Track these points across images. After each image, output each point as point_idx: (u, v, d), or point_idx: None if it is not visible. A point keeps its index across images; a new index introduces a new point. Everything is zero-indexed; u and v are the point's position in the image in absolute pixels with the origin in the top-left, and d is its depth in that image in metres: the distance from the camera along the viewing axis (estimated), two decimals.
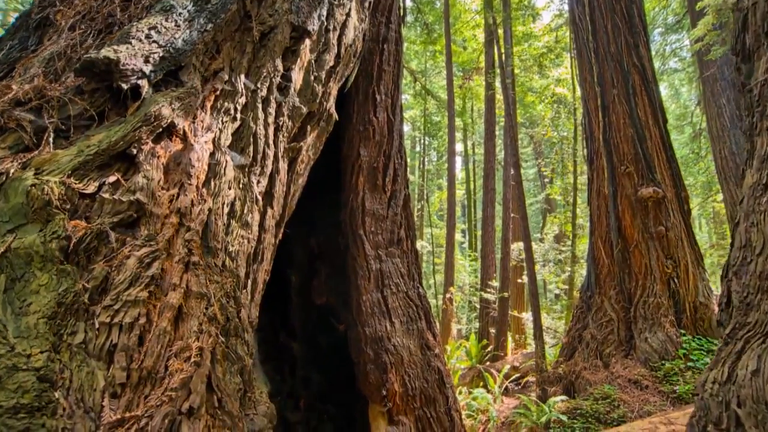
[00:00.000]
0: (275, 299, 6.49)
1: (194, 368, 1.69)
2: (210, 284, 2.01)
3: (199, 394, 1.67)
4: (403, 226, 6.15)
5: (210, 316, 1.92)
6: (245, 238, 2.33)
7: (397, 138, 6.63)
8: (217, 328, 1.92)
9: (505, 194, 17.58)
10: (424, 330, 5.70)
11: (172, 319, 1.80)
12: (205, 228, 2.16)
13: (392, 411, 5.35)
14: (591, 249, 10.83)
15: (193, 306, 1.89)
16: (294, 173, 2.89)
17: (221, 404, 1.80)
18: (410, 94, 32.65)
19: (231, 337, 2.01)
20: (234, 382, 1.94)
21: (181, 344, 1.74)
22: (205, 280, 1.98)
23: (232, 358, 1.96)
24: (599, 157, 10.80)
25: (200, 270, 1.98)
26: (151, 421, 1.51)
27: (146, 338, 1.70)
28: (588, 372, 8.69)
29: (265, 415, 2.07)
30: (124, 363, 1.62)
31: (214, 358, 1.85)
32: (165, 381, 1.62)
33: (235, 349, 1.99)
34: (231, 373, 1.92)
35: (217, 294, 2.01)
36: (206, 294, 1.96)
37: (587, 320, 10.10)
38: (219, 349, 1.89)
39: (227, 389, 1.85)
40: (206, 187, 2.25)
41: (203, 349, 1.77)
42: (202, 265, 2.00)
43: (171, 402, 1.57)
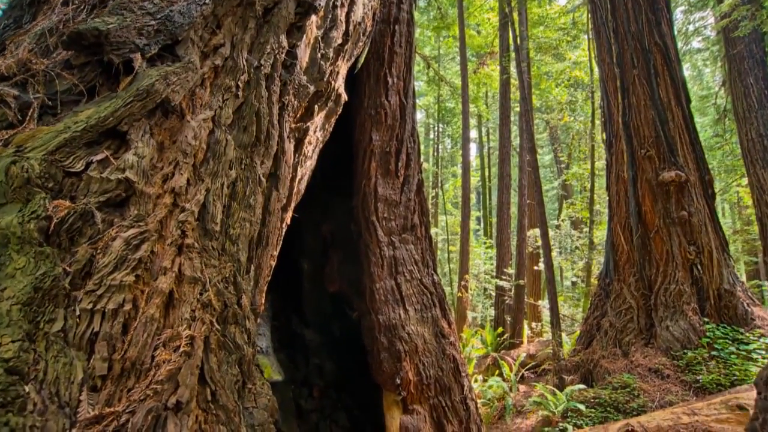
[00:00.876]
0: (288, 287, 6.44)
1: (184, 359, 1.58)
2: (206, 269, 1.91)
3: (188, 387, 1.56)
4: (416, 212, 6.01)
5: (204, 303, 1.82)
6: (247, 220, 2.22)
7: (410, 122, 6.47)
8: (212, 316, 1.83)
9: (520, 180, 17.29)
10: (438, 318, 5.58)
11: (161, 305, 1.70)
12: (203, 209, 2.04)
13: (407, 400, 5.26)
14: (609, 235, 10.57)
15: (185, 291, 1.79)
16: (301, 155, 2.77)
17: (215, 397, 1.71)
18: (423, 81, 32.24)
19: (229, 325, 1.92)
20: (231, 373, 1.84)
21: (171, 333, 1.63)
22: (200, 264, 1.88)
23: (229, 348, 1.87)
24: (618, 140, 10.48)
25: (194, 253, 1.88)
26: (132, 418, 1.40)
27: (131, 326, 1.59)
28: (606, 360, 8.51)
29: (266, 409, 1.98)
30: (106, 353, 1.50)
31: (208, 347, 1.76)
32: (151, 373, 1.52)
33: (233, 338, 1.89)
34: (228, 364, 1.82)
35: (214, 279, 1.91)
36: (201, 279, 1.87)
37: (605, 308, 9.89)
38: (214, 337, 1.80)
39: (222, 381, 1.76)
40: (204, 167, 2.13)
41: (194, 338, 1.66)
42: (197, 248, 1.90)
43: (156, 396, 1.47)
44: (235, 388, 1.83)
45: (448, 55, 33.87)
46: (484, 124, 32.33)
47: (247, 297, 2.09)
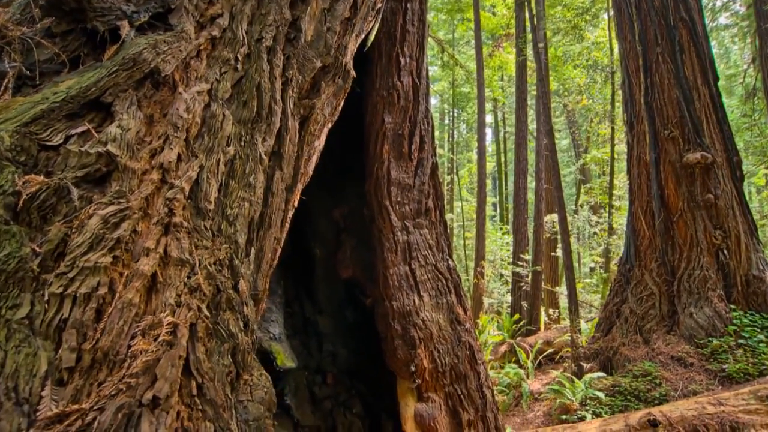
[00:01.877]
0: (301, 274, 6.36)
1: (164, 349, 1.46)
2: (196, 250, 1.78)
3: (168, 380, 1.43)
4: (431, 196, 5.85)
5: (192, 287, 1.69)
6: (247, 200, 2.08)
7: (423, 103, 6.27)
8: (201, 301, 1.70)
9: (537, 164, 16.93)
10: (454, 304, 5.45)
11: (142, 289, 1.56)
12: (195, 187, 1.91)
13: (421, 387, 5.16)
14: (630, 220, 10.26)
15: (171, 275, 1.66)
16: (307, 133, 2.62)
17: (201, 391, 1.58)
18: (438, 66, 31.78)
19: (222, 312, 1.79)
20: (223, 363, 1.70)
21: (151, 320, 1.50)
22: (189, 244, 1.75)
23: (221, 336, 1.74)
24: (640, 121, 10.11)
25: (183, 233, 1.75)
26: (100, 416, 1.26)
27: (106, 312, 1.45)
28: (627, 348, 8.31)
29: (263, 402, 1.87)
30: (75, 342, 1.35)
31: (194, 335, 1.63)
32: (126, 364, 1.38)
33: (226, 326, 1.76)
34: (219, 354, 1.70)
35: (205, 261, 1.79)
36: (189, 261, 1.73)
37: (626, 294, 9.64)
38: (202, 325, 1.67)
39: (211, 373, 1.63)
40: (198, 142, 2.00)
41: (178, 326, 1.54)
42: (186, 227, 1.77)
43: (129, 390, 1.33)
44: (227, 380, 1.71)
45: (462, 39, 33.28)
46: (499, 108, 31.82)
47: (245, 281, 1.98)
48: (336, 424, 5.92)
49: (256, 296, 2.12)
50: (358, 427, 5.93)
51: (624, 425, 5.56)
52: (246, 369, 1.82)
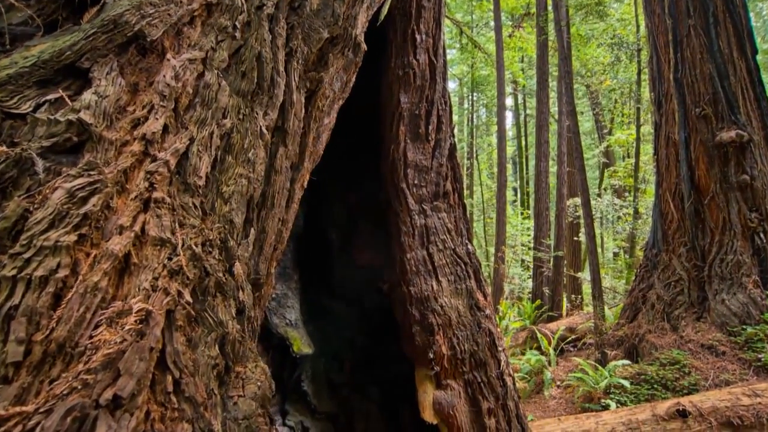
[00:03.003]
0: (317, 259, 6.27)
1: (132, 339, 1.29)
2: (181, 229, 1.62)
3: (134, 376, 1.26)
4: (449, 178, 5.66)
5: (172, 270, 1.51)
6: (245, 177, 1.93)
7: (441, 81, 6.04)
8: (183, 285, 1.54)
9: (559, 147, 16.47)
10: (473, 289, 5.28)
11: (111, 272, 1.40)
12: (183, 160, 1.75)
13: (440, 375, 5.04)
14: (657, 202, 9.86)
15: (148, 255, 1.49)
16: (314, 108, 2.46)
17: (179, 387, 1.42)
18: (456, 49, 31.16)
19: (209, 297, 1.63)
20: (208, 355, 1.54)
21: (120, 306, 1.33)
22: (171, 222, 1.59)
23: (208, 324, 1.58)
24: (669, 100, 9.64)
25: (164, 210, 1.58)
26: (45, 420, 1.09)
27: (65, 298, 1.28)
28: (653, 335, 8.03)
29: (255, 398, 1.68)
30: (24, 333, 1.17)
31: (172, 324, 1.45)
32: (84, 359, 1.21)
33: (214, 313, 1.61)
34: (206, 344, 1.54)
35: (191, 241, 1.62)
36: (170, 240, 1.57)
37: (652, 280, 9.31)
38: (181, 312, 1.48)
39: (192, 366, 1.47)
40: (190, 113, 1.84)
41: (151, 313, 1.36)
42: (168, 204, 1.61)
43: (85, 389, 1.15)
44: (212, 374, 1.55)
45: (481, 20, 32.49)
46: (520, 90, 31.08)
47: (242, 264, 1.83)
48: (353, 410, 5.86)
49: (257, 281, 1.98)
50: (375, 414, 5.85)
51: (651, 415, 5.35)
52: (239, 361, 1.69)
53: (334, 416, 5.77)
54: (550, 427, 6.23)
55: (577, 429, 5.92)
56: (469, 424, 4.86)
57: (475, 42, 26.84)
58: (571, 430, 5.97)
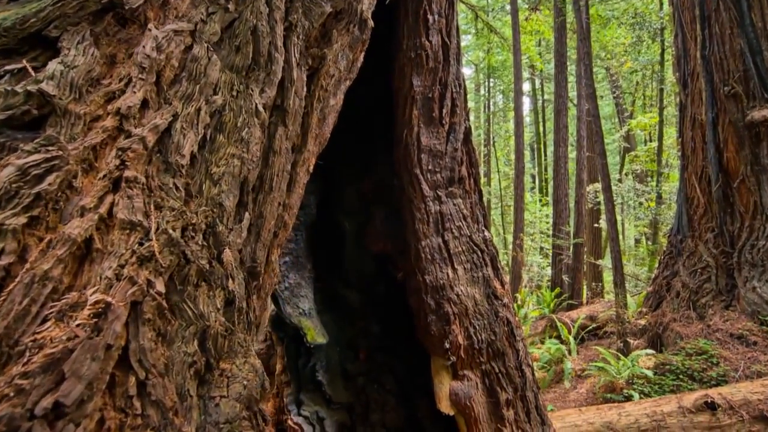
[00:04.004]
0: (330, 248, 6.18)
1: (84, 336, 1.14)
2: (157, 211, 1.48)
3: (83, 379, 1.10)
4: (464, 163, 5.48)
5: (142, 256, 1.36)
6: (238, 157, 1.79)
7: (454, 63, 5.83)
8: (155, 273, 1.39)
9: (578, 132, 16.04)
10: (490, 277, 5.12)
11: (69, 258, 1.26)
12: (164, 138, 1.61)
13: (456, 365, 4.92)
14: (683, 187, 9.50)
15: (114, 240, 1.34)
16: (318, 88, 2.31)
17: (144, 390, 1.27)
18: (471, 34, 30.62)
19: (189, 287, 1.48)
20: (185, 352, 1.40)
21: (74, 298, 1.19)
22: (145, 204, 1.45)
23: (186, 317, 1.43)
24: (695, 79, 9.23)
25: (136, 190, 1.44)
26: None
27: (6, 289, 1.14)
28: (678, 324, 7.76)
29: (239, 399, 1.51)
30: None
31: (139, 317, 1.30)
32: (24, 359, 1.06)
33: (194, 304, 1.47)
34: (182, 339, 1.40)
35: (167, 225, 1.48)
36: (141, 224, 1.41)
37: (677, 267, 9.01)
38: (151, 304, 1.33)
39: (161, 365, 1.32)
40: (174, 88, 1.70)
41: (110, 306, 1.20)
42: (142, 183, 1.47)
43: (18, 396, 0.99)
44: (189, 373, 1.40)
45: (497, 4, 31.78)
46: (537, 75, 30.40)
47: (233, 251, 1.69)
48: (369, 400, 5.78)
49: (254, 269, 1.85)
50: (391, 404, 5.77)
51: (677, 407, 5.16)
52: (225, 357, 1.55)
53: (349, 406, 5.70)
54: (570, 417, 6.07)
55: (598, 420, 5.75)
56: (487, 416, 4.74)
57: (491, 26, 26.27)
58: (592, 421, 5.81)
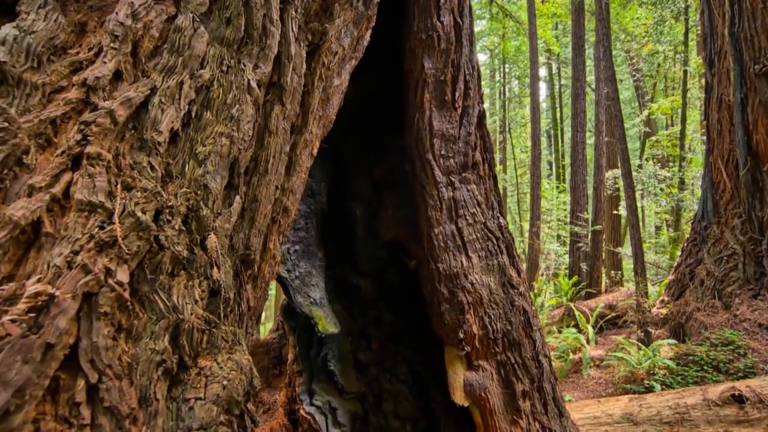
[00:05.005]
0: (341, 236, 6.08)
1: (18, 334, 0.99)
2: (125, 192, 1.34)
3: (11, 385, 0.96)
4: (478, 148, 5.30)
5: (102, 241, 1.20)
6: (227, 136, 1.66)
7: (467, 45, 5.62)
8: (118, 261, 1.24)
9: (597, 116, 15.58)
10: (506, 265, 4.96)
11: (9, 244, 1.11)
12: (140, 113, 1.48)
13: (471, 355, 4.79)
14: (708, 171, 9.13)
15: (69, 224, 1.20)
16: (319, 65, 2.16)
17: (96, 395, 1.11)
18: (486, 19, 30.01)
19: (163, 276, 1.34)
20: (152, 349, 1.25)
21: (11, 290, 1.05)
22: (110, 184, 1.30)
23: (157, 310, 1.28)
24: (722, 57, 8.81)
25: (100, 168, 1.29)
26: None
27: None
28: (702, 313, 7.50)
29: (217, 401, 1.33)
30: None
31: (93, 311, 1.15)
32: None
33: (168, 295, 1.33)
34: (151, 335, 1.25)
35: (135, 207, 1.33)
36: (103, 205, 1.26)
37: (701, 254, 8.69)
38: (109, 295, 1.18)
39: (119, 366, 1.17)
40: (154, 61, 1.57)
41: (54, 298, 1.06)
42: (107, 161, 1.32)
43: None
44: (157, 373, 1.24)
45: None
46: (554, 59, 29.68)
47: (219, 237, 1.56)
48: (381, 390, 5.70)
49: (247, 257, 1.73)
50: (404, 394, 5.68)
51: (701, 399, 4.95)
52: (203, 353, 1.39)
53: (362, 396, 5.64)
54: (589, 408, 5.92)
55: (618, 411, 5.59)
56: (503, 407, 4.62)
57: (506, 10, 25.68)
58: (611, 412, 5.65)
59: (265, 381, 7.75)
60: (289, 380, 6.01)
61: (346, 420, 5.51)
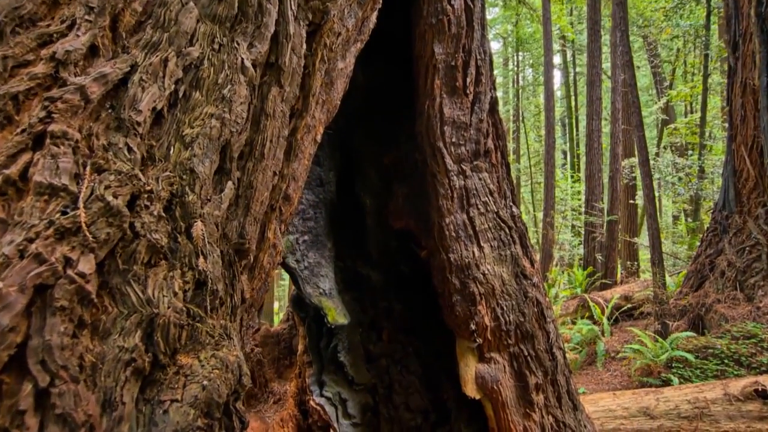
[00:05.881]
0: (351, 226, 6.01)
1: None
2: (93, 174, 1.24)
3: None
4: (490, 135, 5.16)
5: (62, 228, 1.10)
6: (217, 118, 1.56)
7: (479, 29, 5.46)
8: (81, 250, 1.13)
9: (613, 104, 15.22)
10: (519, 256, 4.85)
11: None
12: (118, 90, 1.39)
13: (483, 347, 4.71)
14: (730, 159, 8.84)
15: (26, 209, 1.10)
16: (321, 46, 2.04)
17: (47, 401, 1.00)
18: (499, 6, 29.51)
19: (137, 266, 1.23)
20: (121, 347, 1.13)
21: None
22: (77, 165, 1.20)
23: (129, 304, 1.17)
24: (747, 39, 8.47)
25: (65, 148, 1.19)
26: None
27: None
28: (723, 305, 7.29)
29: (194, 404, 1.20)
30: None
31: (47, 306, 1.03)
32: None
33: (142, 287, 1.21)
34: (121, 331, 1.12)
35: (105, 191, 1.22)
36: (66, 188, 1.16)
37: (722, 244, 8.45)
38: (67, 288, 1.06)
39: (76, 367, 1.03)
40: (136, 36, 1.49)
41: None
42: (74, 140, 1.22)
43: None
44: (125, 374, 1.12)
45: None
46: (568, 46, 29.08)
47: (206, 225, 1.46)
48: (392, 382, 5.65)
49: (241, 246, 1.63)
50: (415, 386, 5.62)
51: (722, 394, 4.80)
52: (183, 350, 1.28)
53: (372, 388, 5.59)
54: (604, 402, 5.79)
55: (634, 405, 5.46)
56: (515, 400, 4.53)
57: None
58: (627, 406, 5.52)
59: (275, 371, 7.76)
60: (300, 371, 5.98)
61: (357, 411, 5.47)
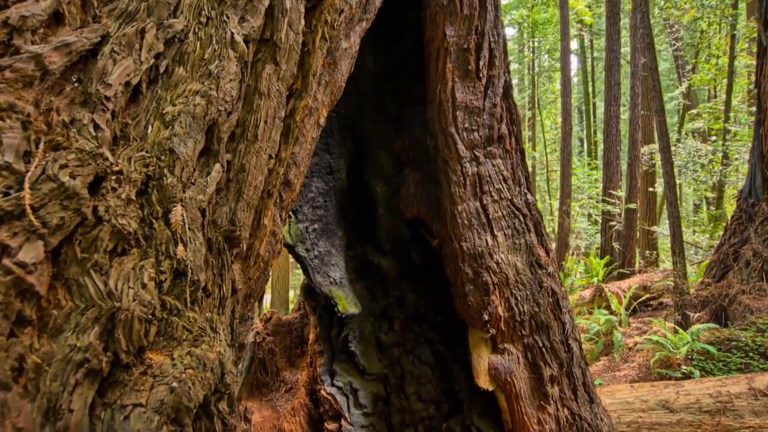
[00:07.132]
0: (362, 214, 5.92)
1: None
2: (48, 152, 1.12)
3: None
4: (504, 120, 5.01)
5: (3, 212, 0.98)
6: (203, 95, 1.45)
7: (492, 10, 5.27)
8: (25, 236, 1.01)
9: (632, 89, 14.78)
10: (533, 244, 4.71)
11: None
12: (89, 65, 1.28)
13: (496, 338, 4.61)
14: (757, 144, 8.49)
15: None
16: (321, 23, 1.92)
17: None
18: None
19: (99, 255, 1.12)
20: (72, 346, 1.02)
21: None
22: (26, 142, 1.08)
23: (87, 296, 1.06)
24: None
25: (12, 122, 1.07)
26: None
27: None
28: (748, 297, 7.05)
29: (159, 409, 1.07)
30: None
31: None
32: None
33: (104, 277, 1.10)
34: (75, 328, 1.02)
35: (59, 171, 1.11)
36: (9, 167, 1.04)
37: (747, 233, 8.15)
38: (2, 280, 0.94)
39: (30, 368, 0.93)
40: (110, 6, 1.37)
41: None
42: (24, 114, 1.10)
43: None
44: (76, 376, 1.00)
45: None
46: (586, 31, 28.33)
47: (187, 210, 1.35)
48: (404, 372, 5.59)
49: (231, 233, 1.52)
50: (427, 376, 5.56)
51: (747, 388, 4.63)
52: (155, 347, 1.16)
53: (384, 377, 5.54)
54: (621, 394, 5.65)
55: (653, 398, 5.31)
56: (529, 392, 4.43)
57: None
58: (646, 398, 5.37)
59: (287, 360, 7.77)
60: (311, 360, 5.95)
61: (368, 401, 5.43)
